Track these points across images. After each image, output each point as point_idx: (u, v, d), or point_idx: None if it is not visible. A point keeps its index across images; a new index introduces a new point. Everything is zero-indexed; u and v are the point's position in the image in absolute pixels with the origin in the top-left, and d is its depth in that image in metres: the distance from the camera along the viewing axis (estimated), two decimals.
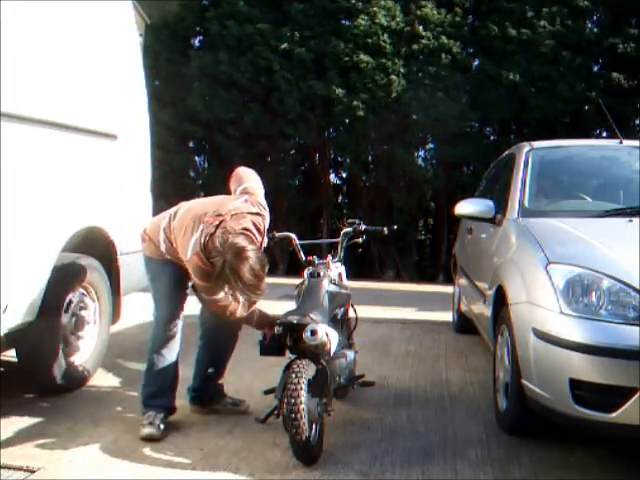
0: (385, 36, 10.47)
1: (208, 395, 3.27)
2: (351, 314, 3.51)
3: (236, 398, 3.33)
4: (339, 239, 3.59)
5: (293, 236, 3.54)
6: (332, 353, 2.81)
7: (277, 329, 2.76)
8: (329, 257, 3.48)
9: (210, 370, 3.24)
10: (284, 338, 2.76)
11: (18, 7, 3.09)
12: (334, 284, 3.24)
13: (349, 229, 3.59)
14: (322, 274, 3.18)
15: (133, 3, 4.56)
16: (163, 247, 2.98)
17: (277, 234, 3.53)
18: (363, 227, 3.59)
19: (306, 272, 3.29)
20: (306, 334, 2.64)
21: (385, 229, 3.62)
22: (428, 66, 10.52)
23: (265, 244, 3.01)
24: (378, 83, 10.35)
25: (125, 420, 3.12)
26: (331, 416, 2.84)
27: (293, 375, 2.55)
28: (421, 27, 10.53)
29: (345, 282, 3.58)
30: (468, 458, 2.82)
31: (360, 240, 3.70)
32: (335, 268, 3.45)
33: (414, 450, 2.89)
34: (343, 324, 3.39)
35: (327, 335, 2.67)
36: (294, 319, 2.71)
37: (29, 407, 3.28)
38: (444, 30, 10.56)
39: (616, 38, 10.23)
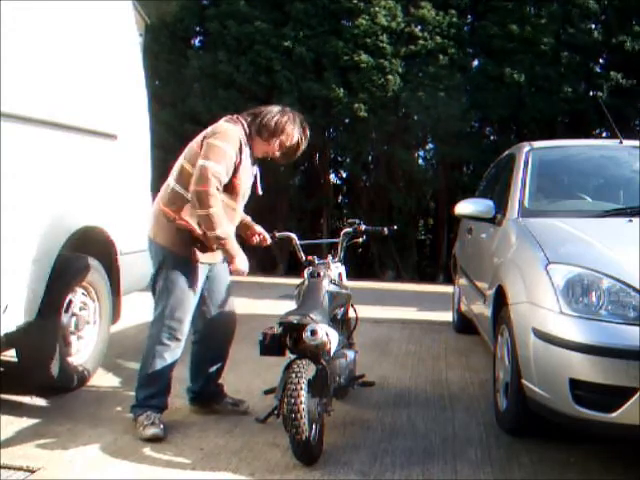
0: (384, 36, 10.49)
1: (208, 395, 3.26)
2: (351, 314, 3.51)
3: (236, 398, 3.32)
4: (339, 239, 3.60)
5: (293, 236, 3.54)
6: (332, 353, 2.81)
7: (277, 329, 2.76)
8: (329, 257, 3.49)
9: (211, 370, 3.22)
10: (284, 338, 2.76)
11: (18, 7, 3.09)
12: (334, 284, 3.24)
13: (349, 229, 3.59)
14: (322, 274, 3.18)
15: (133, 3, 4.56)
16: (173, 178, 2.98)
17: (278, 234, 3.54)
18: (363, 227, 3.59)
19: (306, 272, 3.29)
20: (306, 334, 2.64)
21: (385, 229, 3.63)
22: (426, 66, 10.53)
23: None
24: (375, 83, 10.37)
25: (125, 420, 3.12)
26: (331, 416, 2.84)
27: (293, 375, 2.55)
28: (418, 28, 10.55)
29: (345, 282, 3.58)
30: (468, 458, 2.82)
31: (360, 240, 3.70)
32: (335, 268, 3.45)
33: (414, 450, 2.88)
34: (343, 324, 3.39)
35: (327, 335, 2.67)
36: (294, 319, 2.71)
37: (29, 407, 3.28)
38: (441, 31, 10.58)
39: (620, 37, 10.23)
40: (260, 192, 3.15)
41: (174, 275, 2.96)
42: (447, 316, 6.33)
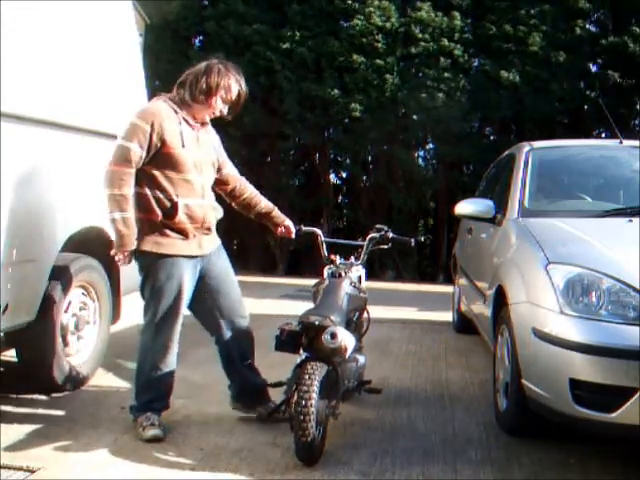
0: (380, 36, 10.49)
1: (250, 395, 3.13)
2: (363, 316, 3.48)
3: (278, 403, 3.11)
4: (365, 242, 3.53)
5: (319, 232, 3.49)
6: (347, 357, 2.80)
7: (296, 326, 2.75)
8: (352, 258, 3.46)
9: (243, 366, 3.10)
10: (300, 336, 2.75)
11: (18, 7, 3.09)
12: (353, 286, 3.21)
13: (376, 234, 3.53)
14: (343, 275, 3.17)
15: (133, 3, 4.55)
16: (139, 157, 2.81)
17: (304, 228, 3.50)
18: (390, 235, 3.52)
19: (327, 271, 3.27)
20: (326, 336, 2.62)
21: (412, 240, 3.59)
22: (427, 68, 10.53)
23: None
24: (371, 83, 10.37)
25: (125, 420, 3.11)
26: (337, 419, 2.83)
27: (306, 377, 2.54)
28: (417, 29, 10.55)
29: (364, 285, 3.54)
30: (468, 458, 2.82)
31: (385, 246, 3.66)
32: (356, 270, 3.42)
33: (414, 450, 2.88)
34: (356, 327, 3.37)
35: (345, 339, 2.66)
36: (315, 320, 2.69)
37: (29, 407, 3.27)
38: (443, 33, 10.58)
39: (616, 37, 10.25)
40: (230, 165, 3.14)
41: (159, 280, 2.87)
42: (447, 316, 6.33)
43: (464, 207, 4.07)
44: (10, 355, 3.54)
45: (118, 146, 2.79)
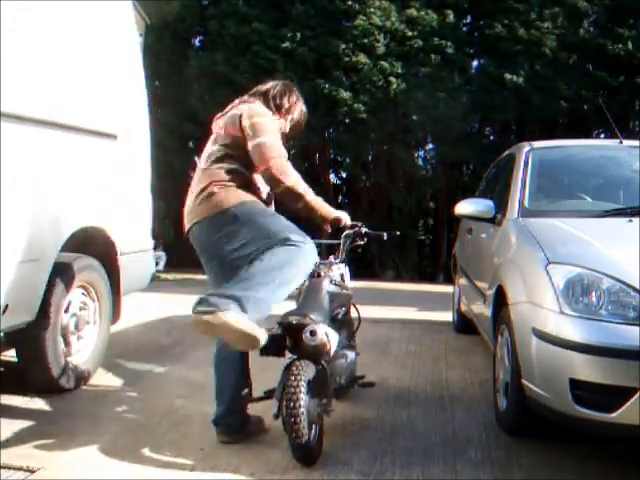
0: (380, 36, 10.50)
1: (232, 425, 2.92)
2: (354, 314, 3.49)
3: (256, 416, 3.02)
4: (340, 241, 3.57)
5: None
6: (332, 354, 2.80)
7: (277, 329, 2.75)
8: (331, 257, 3.48)
9: (233, 393, 2.93)
10: (283, 338, 2.75)
11: (18, 7, 3.09)
12: (334, 284, 3.23)
13: (350, 231, 3.56)
14: (322, 274, 3.18)
15: (133, 3, 4.56)
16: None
17: None
18: (364, 230, 3.56)
19: None
20: (305, 335, 2.63)
21: (385, 234, 3.60)
22: (422, 66, 10.54)
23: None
24: (376, 84, 10.38)
25: (124, 420, 3.12)
26: (330, 417, 2.83)
27: (292, 378, 2.54)
28: (408, 28, 10.56)
29: (348, 283, 3.55)
30: (468, 458, 2.82)
31: (362, 242, 3.67)
32: (337, 269, 3.43)
33: (414, 450, 2.88)
34: (344, 325, 3.38)
35: (327, 336, 2.67)
36: (294, 319, 2.70)
37: (29, 407, 3.28)
38: (434, 31, 10.57)
39: (617, 39, 10.25)
40: None
41: None
42: (447, 316, 6.33)
43: (464, 207, 4.07)
44: (10, 355, 3.54)
45: (264, 143, 2.85)
